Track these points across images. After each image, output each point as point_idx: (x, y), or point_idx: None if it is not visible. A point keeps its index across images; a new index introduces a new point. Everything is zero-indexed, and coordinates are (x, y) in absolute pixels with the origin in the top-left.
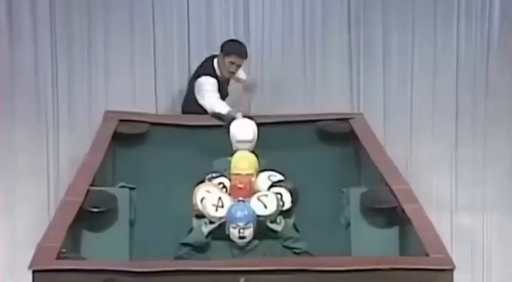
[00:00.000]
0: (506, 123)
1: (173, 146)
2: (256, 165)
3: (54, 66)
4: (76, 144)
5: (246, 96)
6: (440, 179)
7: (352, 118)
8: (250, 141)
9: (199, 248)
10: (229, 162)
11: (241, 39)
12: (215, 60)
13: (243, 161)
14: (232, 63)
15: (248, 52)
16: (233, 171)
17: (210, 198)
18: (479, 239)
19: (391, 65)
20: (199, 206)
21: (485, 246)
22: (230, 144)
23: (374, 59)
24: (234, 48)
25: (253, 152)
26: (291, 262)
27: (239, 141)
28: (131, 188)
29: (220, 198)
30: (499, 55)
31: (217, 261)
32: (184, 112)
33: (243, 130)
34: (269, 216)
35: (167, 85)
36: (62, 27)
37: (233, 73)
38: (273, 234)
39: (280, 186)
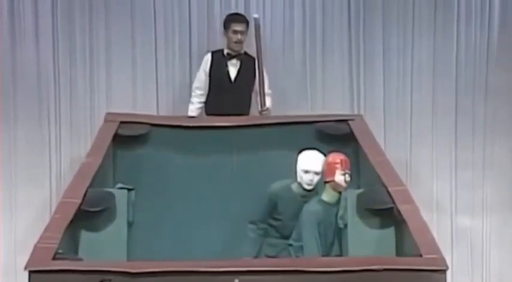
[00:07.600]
0: (506, 126)
1: (173, 148)
2: None
3: (56, 68)
4: (77, 146)
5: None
6: (440, 181)
7: (352, 119)
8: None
9: None
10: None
11: None
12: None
13: None
14: (235, 32)
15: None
16: None
17: None
18: (478, 240)
19: (391, 66)
20: None
21: (485, 248)
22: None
23: (374, 61)
24: (231, 18)
25: None
26: (284, 263)
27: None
28: (129, 189)
29: None
30: (498, 57)
31: (212, 262)
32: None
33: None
34: None
35: (168, 87)
36: (63, 30)
37: (240, 42)
38: None
39: None
